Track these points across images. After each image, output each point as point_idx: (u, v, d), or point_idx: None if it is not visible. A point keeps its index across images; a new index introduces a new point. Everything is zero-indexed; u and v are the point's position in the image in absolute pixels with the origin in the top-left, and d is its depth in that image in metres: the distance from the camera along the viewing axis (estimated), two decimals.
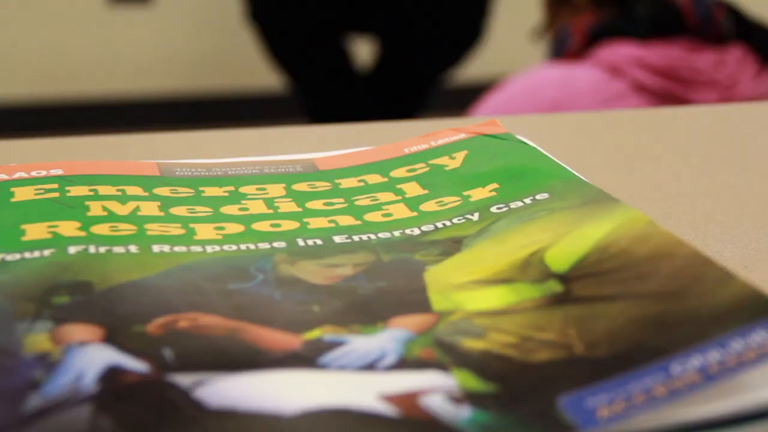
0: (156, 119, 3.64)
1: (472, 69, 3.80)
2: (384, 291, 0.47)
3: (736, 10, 1.51)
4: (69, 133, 3.56)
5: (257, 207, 0.56)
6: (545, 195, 0.55)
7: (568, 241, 0.49)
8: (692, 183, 0.66)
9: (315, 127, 0.76)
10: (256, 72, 3.65)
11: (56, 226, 0.52)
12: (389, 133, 0.75)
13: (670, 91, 1.47)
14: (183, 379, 0.40)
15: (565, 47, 1.55)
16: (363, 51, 3.59)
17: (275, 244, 0.51)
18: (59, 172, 0.59)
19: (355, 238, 0.52)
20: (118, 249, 0.50)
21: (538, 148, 0.62)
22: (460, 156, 0.61)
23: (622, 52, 1.48)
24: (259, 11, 2.74)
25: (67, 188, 0.57)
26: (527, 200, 0.54)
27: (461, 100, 3.80)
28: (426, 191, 0.58)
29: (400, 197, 0.58)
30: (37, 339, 0.42)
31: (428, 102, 2.91)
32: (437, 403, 0.39)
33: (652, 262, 0.46)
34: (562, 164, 0.59)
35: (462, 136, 0.64)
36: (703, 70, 1.48)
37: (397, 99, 2.88)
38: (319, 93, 2.81)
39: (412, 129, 0.76)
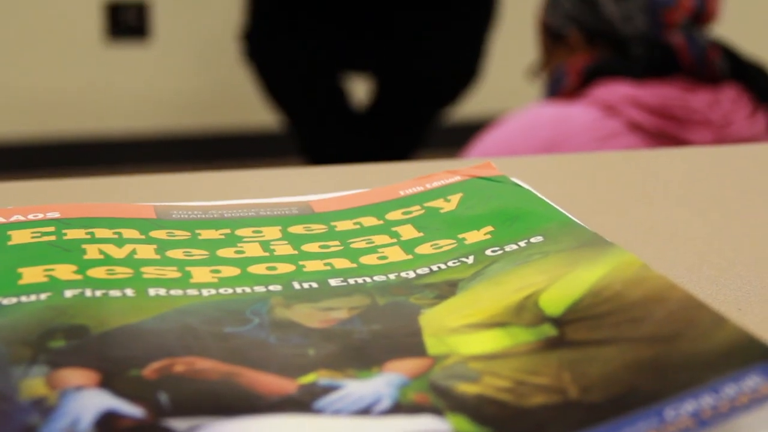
0: (154, 158, 3.64)
1: (468, 107, 3.81)
2: (379, 334, 0.47)
3: (731, 50, 1.52)
4: (67, 171, 3.56)
5: (253, 250, 0.57)
6: (540, 238, 0.55)
7: (563, 285, 0.49)
8: (686, 225, 0.67)
9: (311, 169, 0.77)
10: (254, 110, 3.66)
11: (53, 270, 0.52)
12: (385, 174, 0.75)
13: (665, 130, 1.48)
14: (179, 424, 0.40)
15: (561, 86, 1.55)
16: (360, 89, 3.60)
17: (271, 288, 0.52)
18: (56, 215, 0.59)
19: (351, 281, 0.53)
20: (115, 292, 0.50)
21: (533, 190, 0.63)
22: (455, 198, 0.61)
23: (617, 91, 1.49)
24: (256, 50, 2.76)
25: (63, 231, 0.57)
26: (522, 243, 0.55)
27: (458, 138, 3.81)
28: (421, 234, 0.58)
29: (395, 240, 0.58)
30: (34, 384, 0.42)
31: (425, 140, 2.92)
32: None
33: (645, 306, 0.46)
34: (557, 207, 0.59)
35: (457, 178, 0.64)
36: (698, 110, 1.49)
37: (393, 137, 2.89)
38: (315, 132, 2.82)
39: (407, 171, 0.76)
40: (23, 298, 0.49)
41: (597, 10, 1.54)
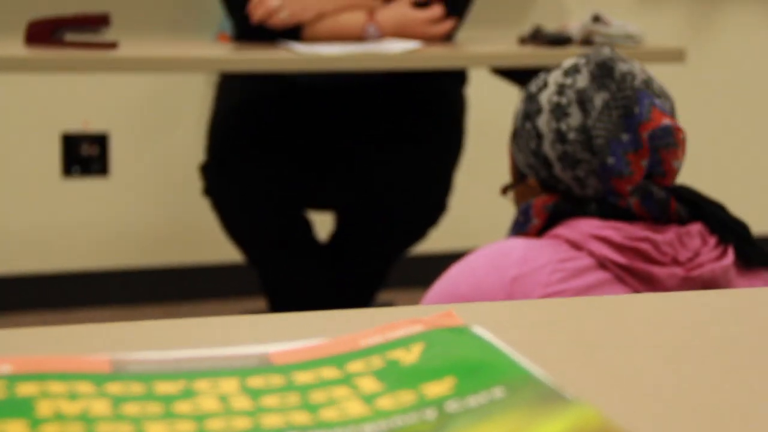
0: (113, 295, 3.62)
1: (434, 242, 3.82)
2: None
3: (690, 194, 1.53)
4: (22, 312, 3.53)
5: (210, 404, 0.55)
6: (500, 391, 0.54)
7: None
8: (653, 374, 0.66)
9: (271, 316, 0.76)
10: (216, 245, 3.66)
11: (3, 428, 0.51)
12: (346, 322, 0.75)
13: (633, 267, 1.48)
14: None
15: (528, 225, 1.56)
16: (326, 221, 3.61)
17: None
18: (8, 368, 0.58)
19: None
20: None
21: (495, 339, 0.62)
22: (416, 349, 0.61)
23: (584, 229, 1.49)
24: (216, 186, 2.76)
25: (15, 386, 0.55)
26: (482, 397, 0.54)
27: (424, 272, 3.81)
28: (382, 385, 0.57)
29: (355, 393, 0.57)
30: None
31: (388, 276, 2.92)
32: None
33: None
34: (520, 356, 0.58)
35: (419, 328, 0.63)
36: (666, 248, 1.49)
37: (358, 273, 2.88)
38: (275, 269, 2.81)
39: (369, 318, 0.76)
40: None
41: (551, 171, 1.56)
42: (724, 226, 1.54)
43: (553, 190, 1.58)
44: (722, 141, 3.98)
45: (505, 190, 1.69)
